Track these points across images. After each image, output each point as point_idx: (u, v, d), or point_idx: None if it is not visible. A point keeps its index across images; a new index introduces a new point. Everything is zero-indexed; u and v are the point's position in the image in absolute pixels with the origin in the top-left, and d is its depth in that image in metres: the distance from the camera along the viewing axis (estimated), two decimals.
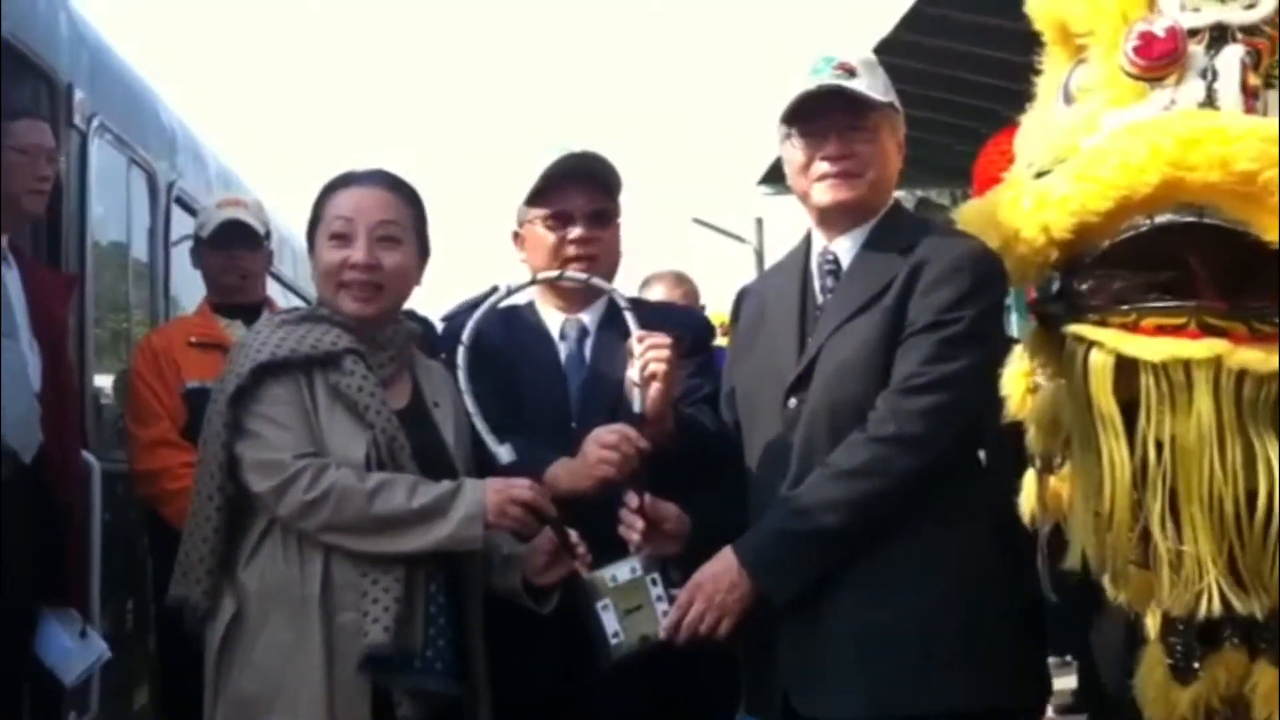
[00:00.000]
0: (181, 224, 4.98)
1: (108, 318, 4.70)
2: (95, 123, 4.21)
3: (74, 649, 3.40)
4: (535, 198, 2.72)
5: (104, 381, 4.48)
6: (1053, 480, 2.44)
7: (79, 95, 4.07)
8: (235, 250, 4.12)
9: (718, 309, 5.67)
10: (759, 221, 20.67)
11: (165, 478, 3.79)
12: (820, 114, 2.46)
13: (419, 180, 2.63)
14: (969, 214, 2.51)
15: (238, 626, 2.36)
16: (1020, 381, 2.52)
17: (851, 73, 2.44)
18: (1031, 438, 2.45)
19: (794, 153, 2.51)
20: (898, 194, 2.71)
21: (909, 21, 6.89)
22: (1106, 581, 2.29)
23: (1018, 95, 2.66)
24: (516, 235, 2.80)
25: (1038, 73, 2.56)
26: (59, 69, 3.96)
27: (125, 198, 4.69)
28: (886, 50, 7.14)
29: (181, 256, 4.76)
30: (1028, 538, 2.50)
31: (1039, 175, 2.36)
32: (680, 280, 4.80)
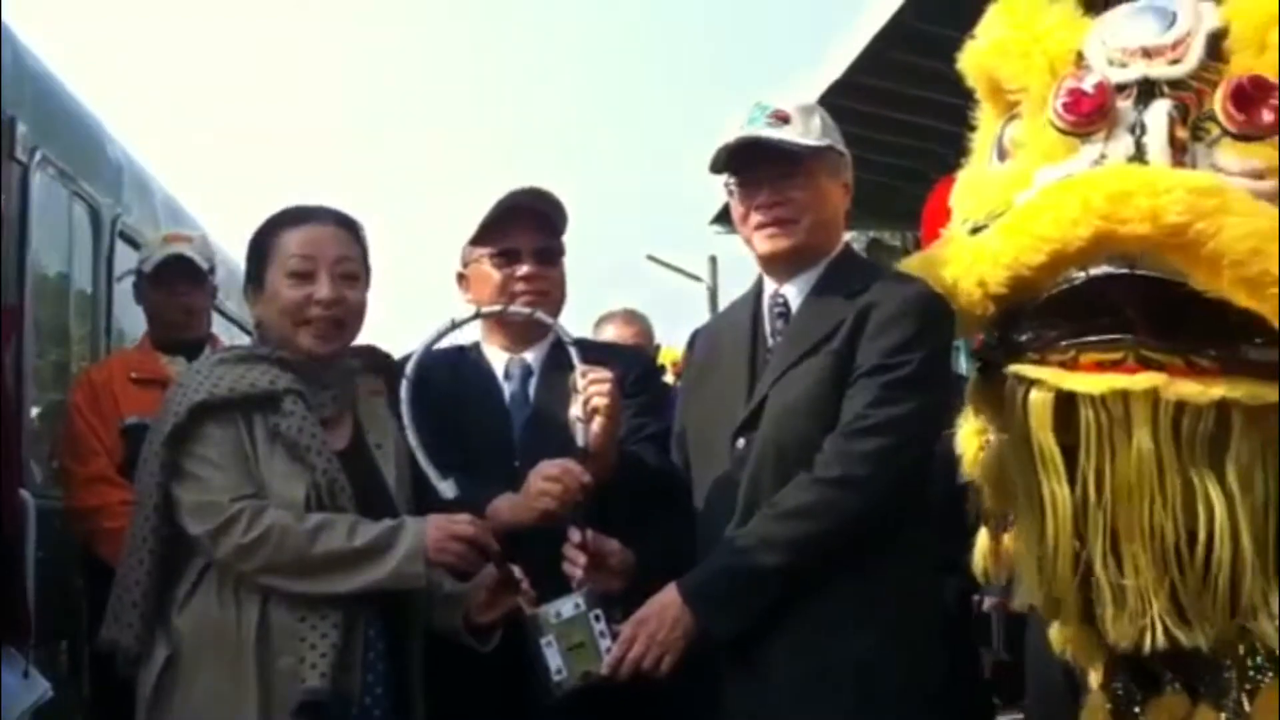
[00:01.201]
0: (126, 258, 4.91)
1: (48, 351, 4.62)
2: (37, 156, 4.14)
3: (17, 689, 3.32)
4: (481, 236, 2.71)
5: (41, 415, 4.39)
6: (1005, 538, 2.46)
7: (21, 129, 4.00)
8: (178, 286, 4.05)
9: (671, 346, 5.68)
10: (713, 260, 20.78)
11: (102, 515, 3.70)
12: (752, 163, 2.48)
13: (365, 216, 2.61)
14: (910, 268, 2.54)
15: (171, 672, 2.31)
16: (973, 440, 2.53)
17: (785, 120, 2.46)
18: (984, 495, 2.47)
19: (733, 203, 2.55)
20: (847, 235, 2.73)
21: (859, 65, 6.96)
22: (1052, 633, 2.29)
23: (967, 140, 2.69)
24: (461, 276, 2.79)
25: (973, 128, 2.60)
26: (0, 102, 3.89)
27: (68, 231, 4.61)
28: (837, 93, 7.21)
29: (125, 291, 4.69)
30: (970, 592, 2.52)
31: (974, 231, 2.40)
32: (632, 319, 4.80)
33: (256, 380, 2.39)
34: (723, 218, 10.70)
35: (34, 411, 4.27)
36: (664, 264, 21.57)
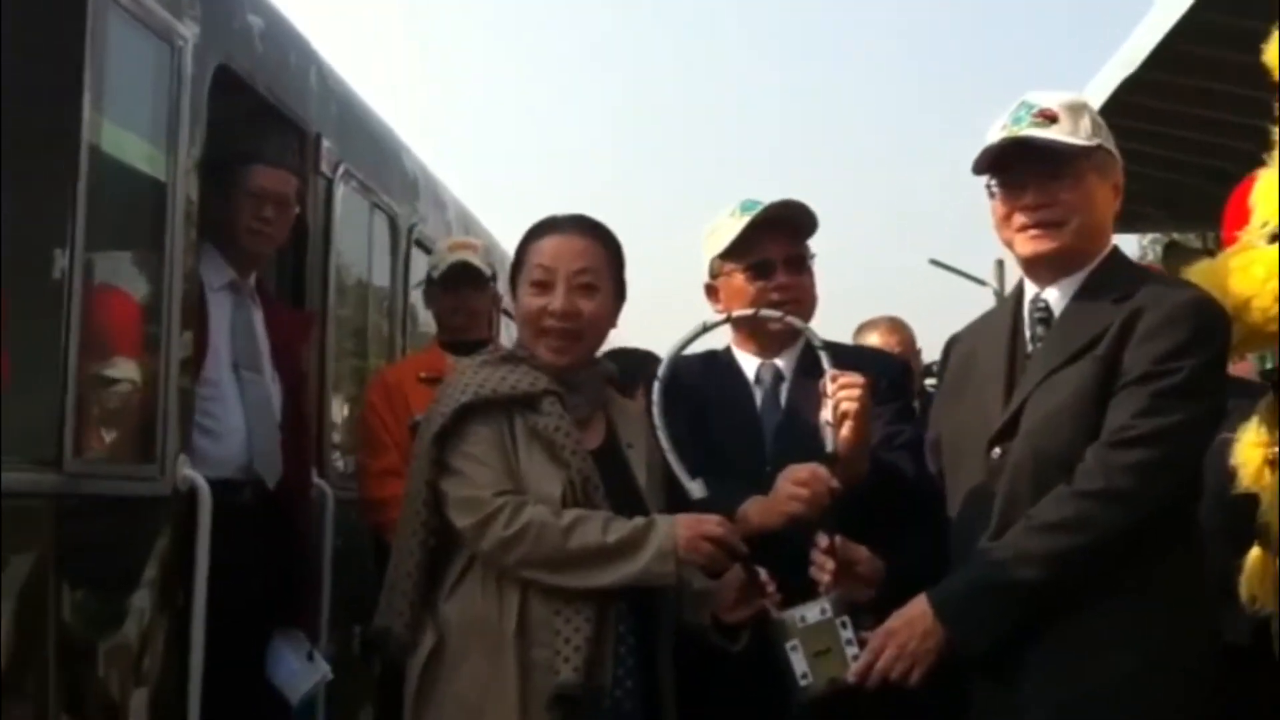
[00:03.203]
0: (422, 265, 5.21)
1: (350, 352, 4.95)
2: (341, 170, 4.45)
3: (301, 670, 3.58)
4: (733, 249, 2.75)
5: (344, 413, 4.70)
6: None
7: (326, 144, 4.31)
8: (463, 291, 4.27)
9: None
10: (999, 264, 20.16)
11: (392, 506, 3.86)
12: (1018, 164, 2.40)
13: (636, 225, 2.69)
14: (1197, 277, 2.41)
15: (437, 659, 2.43)
16: (1256, 451, 2.37)
17: (1052, 119, 2.37)
18: (1267, 514, 2.32)
19: (995, 204, 2.46)
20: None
21: (1155, 60, 6.59)
22: None
23: (1271, 134, 2.53)
24: (710, 288, 2.84)
25: (1276, 121, 2.44)
26: (308, 120, 4.21)
27: (368, 240, 4.94)
28: (1132, 90, 6.86)
29: (420, 296, 4.98)
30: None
31: (1274, 238, 2.25)
32: (895, 327, 4.70)
33: (517, 382, 2.49)
34: None
35: (338, 409, 4.59)
36: (948, 268, 21.12)
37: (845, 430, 2.42)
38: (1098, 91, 7.16)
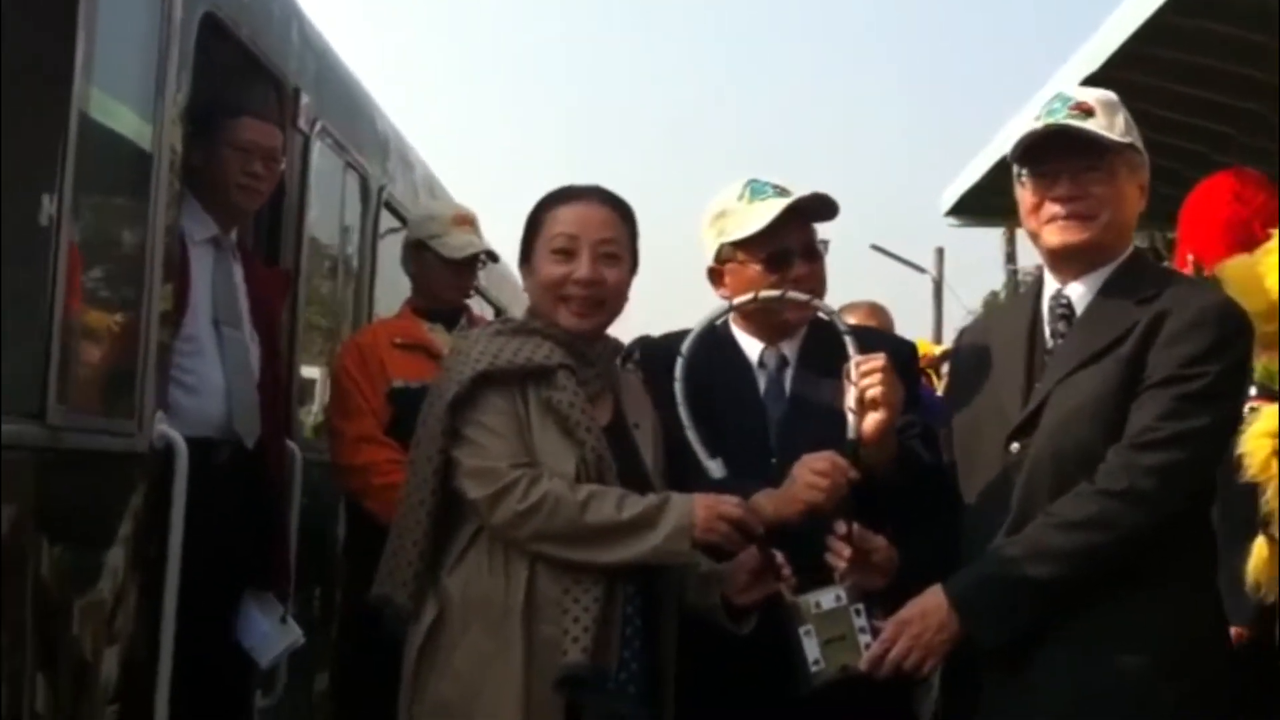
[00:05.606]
0: (389, 226, 5.13)
1: (317, 312, 4.84)
2: (318, 126, 4.34)
3: (272, 633, 3.51)
4: (750, 237, 2.64)
5: (309, 373, 4.61)
6: None
7: (305, 99, 4.20)
8: (469, 271, 4.17)
9: (920, 338, 5.55)
10: (939, 251, 20.43)
11: (371, 472, 3.81)
12: (1052, 155, 2.40)
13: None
14: (1232, 271, 2.43)
15: (439, 631, 2.39)
16: (1264, 442, 2.40)
17: (1088, 112, 2.37)
18: (1270, 503, 2.35)
19: (1025, 194, 2.45)
20: None
21: (1116, 59, 6.66)
22: None
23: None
24: (715, 272, 2.73)
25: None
26: (288, 74, 4.09)
27: (340, 199, 4.83)
28: (1092, 86, 6.96)
29: (386, 259, 4.88)
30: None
31: None
32: (875, 311, 4.69)
33: (532, 354, 2.45)
34: (959, 209, 10.42)
35: (307, 370, 4.50)
36: (889, 254, 21.32)
37: (875, 416, 2.39)
38: (1059, 87, 7.20)
